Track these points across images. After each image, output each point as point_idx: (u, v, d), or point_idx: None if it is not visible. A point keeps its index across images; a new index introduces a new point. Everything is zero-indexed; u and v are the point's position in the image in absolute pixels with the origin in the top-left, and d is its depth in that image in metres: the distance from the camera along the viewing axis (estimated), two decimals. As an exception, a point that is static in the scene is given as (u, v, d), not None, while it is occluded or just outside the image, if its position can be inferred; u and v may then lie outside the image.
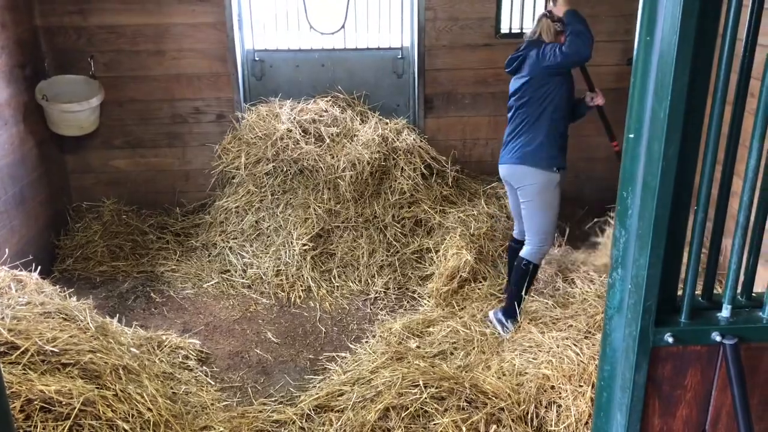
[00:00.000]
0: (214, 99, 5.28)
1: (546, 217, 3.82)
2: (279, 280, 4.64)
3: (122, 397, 2.89)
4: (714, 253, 1.58)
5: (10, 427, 1.42)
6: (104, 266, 4.90)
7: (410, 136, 5.19)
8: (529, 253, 3.90)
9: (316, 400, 3.32)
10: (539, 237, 3.86)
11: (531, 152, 3.75)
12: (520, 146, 3.80)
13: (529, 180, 3.80)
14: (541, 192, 3.79)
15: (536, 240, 3.87)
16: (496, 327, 3.97)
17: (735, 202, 1.54)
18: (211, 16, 5.05)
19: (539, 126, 3.74)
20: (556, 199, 3.83)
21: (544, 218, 3.83)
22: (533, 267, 3.91)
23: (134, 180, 5.44)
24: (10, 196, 4.40)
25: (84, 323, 3.26)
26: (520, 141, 3.79)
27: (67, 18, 4.96)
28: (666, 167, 1.37)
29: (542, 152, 3.74)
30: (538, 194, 3.80)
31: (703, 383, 1.58)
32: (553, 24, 3.74)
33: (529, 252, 3.90)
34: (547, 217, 3.83)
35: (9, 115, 4.46)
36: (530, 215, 3.86)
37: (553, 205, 3.83)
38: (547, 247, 3.92)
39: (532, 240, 3.89)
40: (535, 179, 3.77)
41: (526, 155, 3.77)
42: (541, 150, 3.74)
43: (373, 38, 5.43)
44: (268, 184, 5.00)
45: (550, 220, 3.84)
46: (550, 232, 3.87)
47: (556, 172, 3.77)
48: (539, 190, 3.79)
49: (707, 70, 1.38)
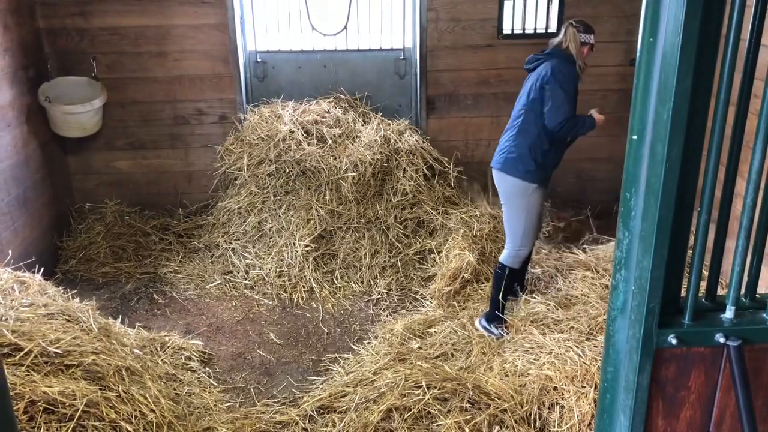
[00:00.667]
0: (217, 100, 5.29)
1: (522, 222, 3.81)
2: (281, 281, 4.65)
3: (125, 398, 2.90)
4: (717, 255, 1.58)
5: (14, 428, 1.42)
6: (107, 267, 4.90)
7: (412, 137, 5.19)
8: (505, 256, 3.91)
9: (318, 401, 3.32)
10: (515, 241, 3.85)
11: (511, 160, 3.76)
12: (505, 152, 3.80)
13: (506, 184, 3.82)
14: (517, 197, 3.79)
15: (512, 244, 3.87)
16: (485, 333, 3.98)
17: (738, 203, 1.54)
18: (214, 17, 5.06)
19: (527, 136, 3.73)
20: (533, 206, 3.81)
21: (519, 223, 3.81)
22: (509, 271, 3.90)
23: (137, 181, 5.44)
24: (13, 197, 4.41)
25: (87, 324, 3.26)
26: (508, 146, 3.80)
27: (70, 20, 4.97)
28: (669, 169, 1.37)
29: (520, 163, 3.74)
30: (514, 199, 3.80)
31: (707, 385, 1.58)
32: (579, 34, 3.73)
33: (505, 255, 3.91)
34: (522, 223, 3.81)
35: (12, 117, 4.47)
36: (507, 219, 3.88)
37: (531, 211, 3.81)
38: (525, 251, 3.90)
39: (509, 244, 3.89)
40: (512, 184, 3.78)
41: (507, 162, 3.78)
42: (521, 161, 3.73)
43: (375, 39, 5.44)
44: (271, 185, 5.00)
45: (527, 225, 3.82)
46: (527, 236, 3.85)
47: (532, 183, 3.76)
48: (515, 194, 3.79)
49: (710, 71, 1.37)
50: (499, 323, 3.94)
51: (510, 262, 3.90)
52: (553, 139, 3.73)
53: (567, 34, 3.76)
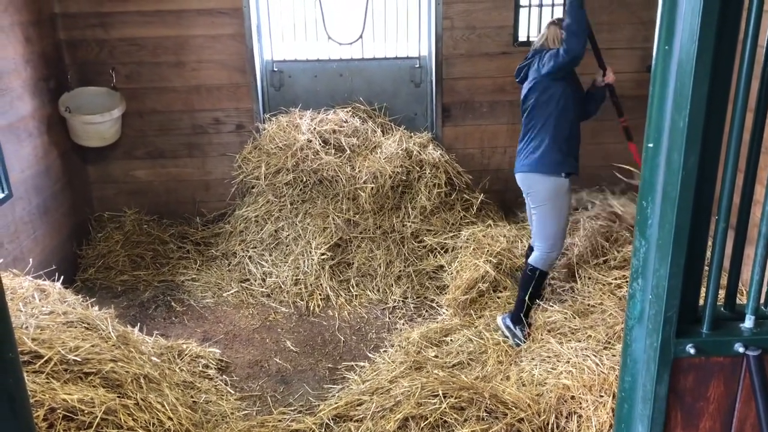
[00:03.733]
0: (234, 109, 5.33)
1: (555, 223, 3.81)
2: (298, 289, 4.66)
3: (143, 406, 2.92)
4: (736, 263, 1.56)
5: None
6: (125, 275, 4.95)
7: (436, 151, 5.17)
8: (536, 258, 3.89)
9: (335, 410, 3.32)
10: (547, 243, 3.84)
11: (537, 159, 3.76)
12: (528, 153, 3.81)
13: (537, 186, 3.81)
14: (550, 198, 3.78)
15: (544, 246, 3.85)
16: (504, 333, 3.97)
17: (757, 210, 1.52)
18: (231, 27, 5.11)
19: (544, 131, 3.74)
20: (565, 205, 3.82)
21: (552, 224, 3.81)
22: (540, 273, 3.88)
23: (155, 190, 5.49)
24: (34, 206, 4.47)
25: (106, 332, 3.29)
26: (529, 148, 3.81)
27: (90, 31, 5.04)
28: (686, 177, 1.36)
29: (547, 158, 3.73)
30: (547, 200, 3.79)
31: (727, 395, 1.56)
32: (561, 31, 3.72)
33: (536, 258, 3.89)
34: (555, 224, 3.81)
35: (33, 127, 4.54)
36: (539, 221, 3.86)
37: (563, 211, 3.81)
38: (556, 253, 3.90)
39: (541, 246, 3.87)
40: (544, 185, 3.77)
41: (533, 162, 3.78)
42: (546, 156, 3.73)
43: (390, 48, 5.46)
44: (288, 194, 5.02)
45: (560, 226, 3.83)
46: (559, 238, 3.85)
47: (564, 177, 3.76)
48: (548, 196, 3.78)
49: (727, 77, 1.36)
50: (522, 326, 3.92)
51: (541, 264, 3.88)
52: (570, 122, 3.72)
53: (549, 33, 3.78)
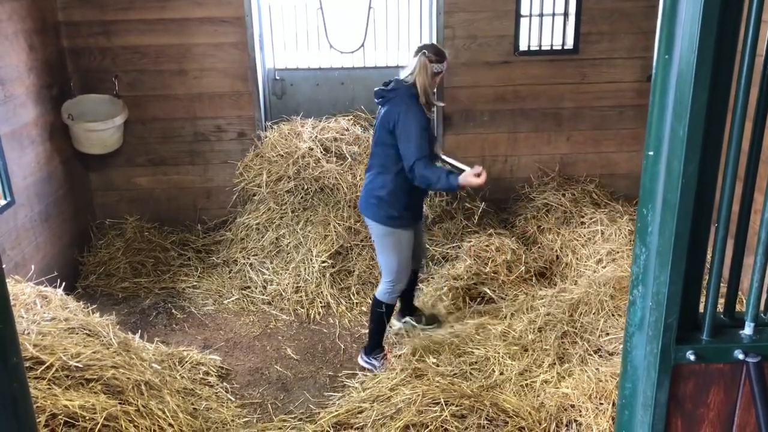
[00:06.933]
0: (236, 117, 5.35)
1: (392, 259, 3.73)
2: (298, 296, 4.67)
3: (144, 412, 2.92)
4: (736, 270, 1.57)
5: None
6: (126, 282, 4.96)
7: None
8: (380, 292, 3.83)
9: (335, 417, 3.32)
10: (389, 277, 3.78)
11: (373, 205, 3.65)
12: (366, 194, 3.70)
13: (371, 228, 3.76)
14: (382, 238, 3.72)
15: (387, 279, 3.80)
16: (367, 368, 3.93)
17: (756, 218, 1.53)
18: (233, 36, 5.14)
19: (385, 179, 3.61)
20: (405, 242, 3.71)
21: (389, 260, 3.74)
22: (385, 306, 3.82)
23: (157, 197, 5.51)
24: (36, 213, 4.49)
25: (107, 339, 3.30)
26: (368, 188, 3.69)
27: (93, 39, 5.07)
28: (686, 185, 1.37)
29: (381, 210, 3.63)
30: (380, 239, 3.74)
31: (727, 402, 1.57)
32: (431, 65, 3.53)
33: (380, 291, 3.84)
34: (392, 260, 3.73)
35: (36, 134, 4.56)
36: (378, 256, 3.83)
37: (399, 249, 3.71)
38: (402, 285, 3.83)
39: (384, 279, 3.82)
40: (377, 228, 3.71)
41: (369, 206, 3.68)
42: (381, 208, 3.63)
43: (392, 56, 5.48)
44: (289, 202, 5.04)
45: (397, 261, 3.72)
46: (400, 271, 3.76)
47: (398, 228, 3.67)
48: (379, 235, 3.72)
49: (727, 86, 1.38)
50: (378, 352, 3.93)
51: (386, 298, 3.81)
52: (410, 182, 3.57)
53: (418, 64, 3.54)
